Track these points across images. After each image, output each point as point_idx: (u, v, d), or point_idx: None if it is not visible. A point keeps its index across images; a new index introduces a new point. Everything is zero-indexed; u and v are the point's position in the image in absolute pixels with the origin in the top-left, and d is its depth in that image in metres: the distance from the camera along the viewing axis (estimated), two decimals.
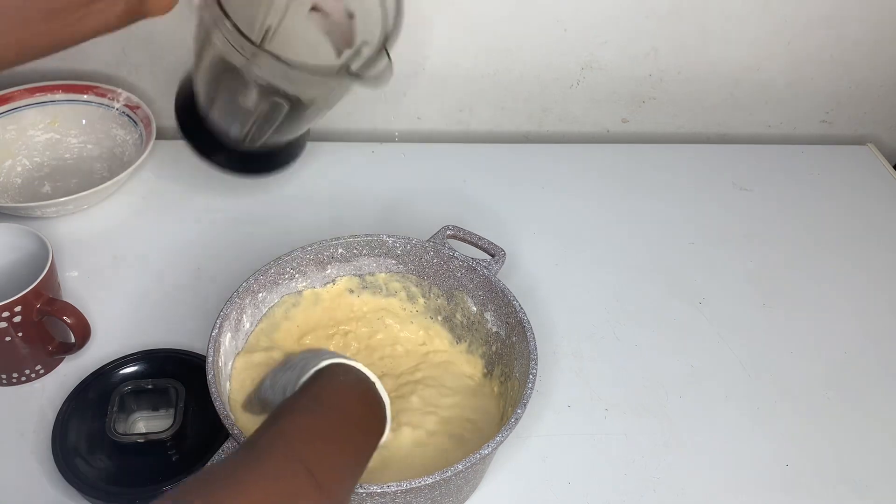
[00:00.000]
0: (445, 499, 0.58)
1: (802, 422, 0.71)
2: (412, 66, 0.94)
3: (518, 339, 0.63)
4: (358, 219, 0.86)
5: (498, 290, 0.65)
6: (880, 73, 1.01)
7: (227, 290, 0.64)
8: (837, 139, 1.08)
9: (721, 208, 0.92)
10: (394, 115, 0.99)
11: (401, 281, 0.71)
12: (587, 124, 1.03)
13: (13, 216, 0.80)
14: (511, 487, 0.64)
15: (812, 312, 0.81)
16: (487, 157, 0.96)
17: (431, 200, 0.89)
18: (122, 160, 0.87)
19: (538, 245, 0.85)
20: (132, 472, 0.61)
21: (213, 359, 0.58)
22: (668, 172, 0.96)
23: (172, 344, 0.70)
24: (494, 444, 0.54)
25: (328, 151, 0.95)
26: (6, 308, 0.61)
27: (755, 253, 0.87)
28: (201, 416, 0.64)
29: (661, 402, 0.71)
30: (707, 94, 1.01)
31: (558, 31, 0.92)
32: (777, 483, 0.66)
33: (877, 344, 0.79)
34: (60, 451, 0.61)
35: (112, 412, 0.61)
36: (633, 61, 0.96)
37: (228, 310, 0.62)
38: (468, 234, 0.71)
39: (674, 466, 0.67)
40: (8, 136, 0.87)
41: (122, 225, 0.83)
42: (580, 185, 0.93)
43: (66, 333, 0.68)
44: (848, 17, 0.94)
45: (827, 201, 0.95)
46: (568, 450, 0.67)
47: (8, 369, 0.67)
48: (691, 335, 0.78)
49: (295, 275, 0.68)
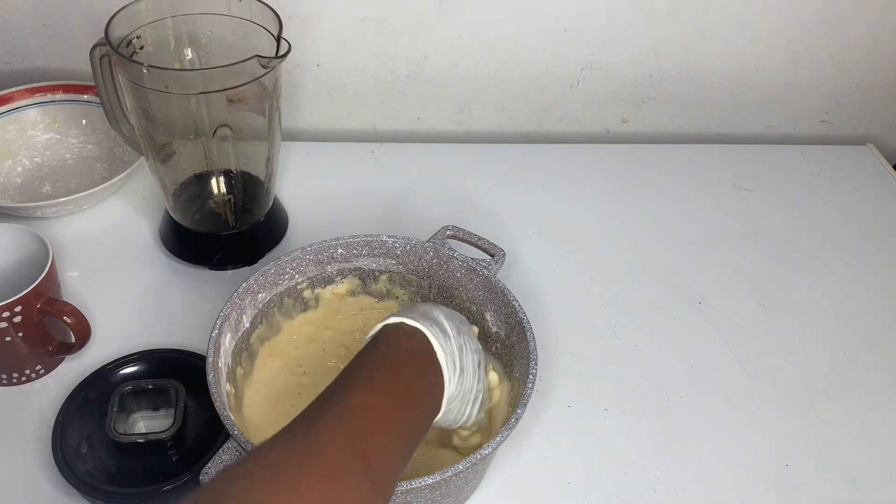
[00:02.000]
0: (445, 499, 0.58)
1: (802, 422, 0.71)
2: (412, 66, 0.94)
3: (518, 339, 0.63)
4: (358, 219, 0.86)
5: (498, 290, 0.65)
6: (880, 73, 1.01)
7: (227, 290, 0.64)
8: (837, 139, 1.08)
9: (721, 208, 0.92)
10: (394, 115, 0.99)
11: (400, 281, 0.71)
12: (587, 124, 1.03)
13: (13, 216, 0.80)
14: (511, 487, 0.64)
15: (812, 312, 0.81)
16: (487, 157, 0.96)
17: (431, 200, 0.89)
18: (122, 160, 0.87)
19: (538, 245, 0.85)
20: (132, 472, 0.61)
21: (213, 359, 0.58)
22: (668, 172, 0.96)
23: (172, 344, 0.70)
24: (494, 444, 0.54)
25: (328, 151, 0.95)
26: (6, 308, 0.61)
27: (755, 253, 0.87)
28: (201, 416, 0.64)
29: (661, 402, 0.71)
30: (707, 94, 1.01)
31: (558, 31, 0.92)
32: (777, 483, 0.66)
33: (877, 344, 0.79)
34: (60, 451, 0.61)
35: (112, 412, 0.61)
36: (633, 61, 0.96)
37: (228, 310, 0.62)
38: (468, 234, 0.71)
39: (674, 466, 0.67)
40: (8, 136, 0.87)
41: (122, 225, 0.83)
42: (580, 186, 0.93)
43: (66, 333, 0.68)
44: (848, 17, 0.94)
45: (827, 201, 0.95)
46: (568, 450, 0.67)
47: (8, 369, 0.67)
48: (691, 335, 0.78)
49: (295, 275, 0.68)
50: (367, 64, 0.93)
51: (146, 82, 0.65)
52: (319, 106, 0.97)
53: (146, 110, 0.69)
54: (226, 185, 0.78)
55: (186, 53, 0.74)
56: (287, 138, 0.98)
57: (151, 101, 0.68)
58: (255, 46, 0.70)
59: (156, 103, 0.68)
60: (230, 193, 0.79)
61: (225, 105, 0.69)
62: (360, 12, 0.89)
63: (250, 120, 0.73)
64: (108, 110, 0.73)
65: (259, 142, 0.75)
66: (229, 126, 0.71)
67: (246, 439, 0.53)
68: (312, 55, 0.92)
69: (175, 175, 0.77)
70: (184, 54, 0.74)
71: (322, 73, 0.94)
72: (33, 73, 0.92)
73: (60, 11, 0.87)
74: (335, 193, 0.89)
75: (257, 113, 0.72)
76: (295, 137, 0.99)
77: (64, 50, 0.90)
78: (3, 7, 0.86)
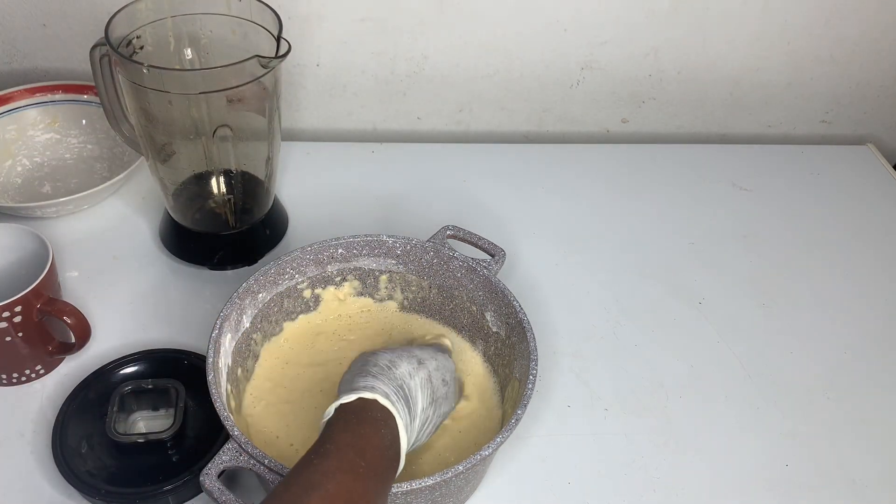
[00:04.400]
0: (445, 499, 0.58)
1: (802, 422, 0.71)
2: (412, 65, 0.94)
3: (518, 339, 0.63)
4: (358, 219, 0.86)
5: (498, 290, 0.65)
6: (880, 73, 1.01)
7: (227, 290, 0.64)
8: (837, 139, 1.08)
9: (721, 208, 0.92)
10: (394, 115, 0.99)
11: (400, 281, 0.71)
12: (587, 124, 1.03)
13: (13, 216, 0.80)
14: (511, 488, 0.64)
15: (812, 312, 0.81)
16: (487, 157, 0.96)
17: (431, 200, 0.89)
18: (122, 160, 0.87)
19: (538, 245, 0.85)
20: (132, 472, 0.61)
21: (213, 359, 0.58)
22: (668, 173, 0.96)
23: (172, 344, 0.70)
24: (494, 444, 0.54)
25: (328, 151, 0.95)
26: (6, 308, 0.61)
27: (755, 253, 0.87)
28: (201, 416, 0.64)
29: (661, 402, 0.71)
30: (707, 94, 1.01)
31: (558, 31, 0.92)
32: (777, 483, 0.66)
33: (877, 344, 0.79)
34: (60, 451, 0.61)
35: (112, 412, 0.61)
36: (633, 61, 0.96)
37: (228, 310, 0.62)
38: (468, 234, 0.71)
39: (674, 466, 0.67)
40: (8, 136, 0.87)
41: (122, 225, 0.83)
42: (580, 186, 0.93)
43: (66, 333, 0.68)
44: (848, 17, 0.95)
45: (827, 201, 0.95)
46: (568, 450, 0.67)
47: (8, 369, 0.67)
48: (691, 335, 0.78)
49: (295, 275, 0.68)
50: (367, 64, 0.93)
51: (146, 82, 0.65)
52: (319, 106, 0.97)
53: (146, 110, 0.69)
54: (226, 185, 0.78)
55: (186, 53, 0.74)
56: (287, 138, 0.98)
57: (151, 101, 0.68)
58: (255, 46, 0.70)
59: (156, 103, 0.68)
60: (230, 193, 0.79)
61: (225, 105, 0.69)
62: (360, 12, 0.89)
63: (250, 120, 0.73)
64: (108, 110, 0.73)
65: (259, 142, 0.75)
66: (229, 126, 0.71)
67: (246, 439, 0.53)
68: (312, 55, 0.92)
69: (175, 175, 0.77)
70: (184, 54, 0.74)
71: (322, 73, 0.94)
72: (33, 73, 0.92)
73: (60, 11, 0.87)
74: (335, 193, 0.89)
75: (257, 113, 0.72)
76: (295, 137, 0.99)
77: (64, 50, 0.90)
78: (3, 7, 0.86)
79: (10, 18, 0.87)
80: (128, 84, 0.67)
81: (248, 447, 0.53)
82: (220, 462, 0.53)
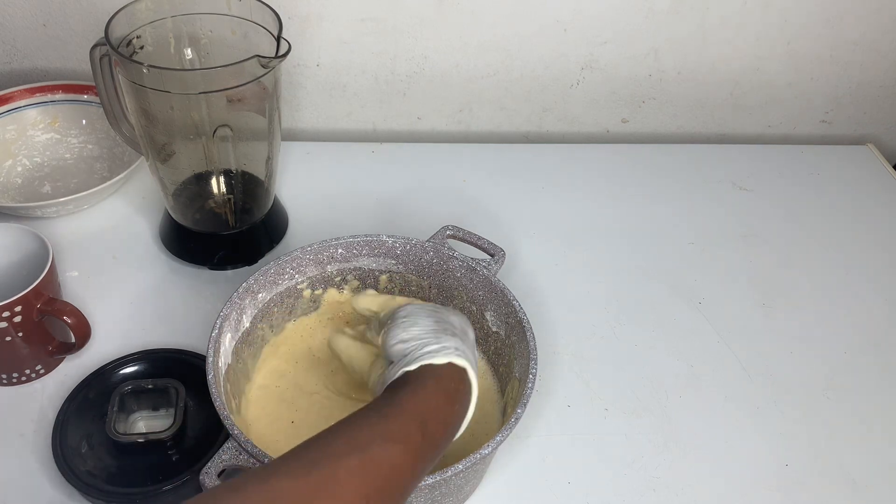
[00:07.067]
0: (446, 499, 0.58)
1: (802, 422, 0.71)
2: (412, 65, 0.94)
3: (518, 338, 0.63)
4: (358, 219, 0.86)
5: (498, 290, 0.65)
6: (880, 73, 1.01)
7: (227, 290, 0.64)
8: (837, 139, 1.08)
9: (721, 208, 0.92)
10: (394, 115, 0.99)
11: (400, 281, 0.71)
12: (587, 124, 1.03)
13: (13, 216, 0.80)
14: (511, 487, 0.64)
15: (812, 312, 0.81)
16: (487, 157, 0.96)
17: (431, 200, 0.89)
18: (122, 160, 0.87)
19: (538, 245, 0.85)
20: (132, 472, 0.60)
21: (213, 359, 0.58)
22: (668, 172, 0.96)
23: (172, 344, 0.70)
24: (494, 443, 0.54)
25: (328, 151, 0.95)
26: (6, 308, 0.61)
27: (755, 253, 0.87)
28: (201, 416, 0.64)
29: (660, 402, 0.71)
30: (707, 94, 1.01)
31: (558, 31, 0.92)
32: (776, 483, 0.66)
33: (876, 344, 0.79)
34: (60, 451, 0.61)
35: (112, 412, 0.61)
36: (633, 61, 0.96)
37: (228, 310, 0.62)
38: (468, 234, 0.71)
39: (674, 466, 0.67)
40: (8, 136, 0.87)
41: (121, 225, 0.83)
42: (580, 185, 0.93)
43: (66, 333, 0.68)
44: (848, 17, 0.95)
45: (827, 201, 0.95)
46: (568, 450, 0.67)
47: (8, 369, 0.67)
48: (691, 335, 0.78)
49: (295, 275, 0.68)
50: (367, 64, 0.93)
51: (146, 82, 0.65)
52: (319, 106, 0.97)
53: (146, 110, 0.69)
54: (226, 185, 0.78)
55: (186, 53, 0.75)
56: (287, 138, 0.98)
57: (151, 101, 0.68)
58: (255, 46, 0.70)
59: (156, 103, 0.68)
60: (230, 193, 0.79)
61: (225, 105, 0.69)
62: (360, 12, 0.89)
63: (250, 120, 0.73)
64: (108, 110, 0.73)
65: (259, 142, 0.75)
66: (229, 126, 0.71)
67: (246, 439, 0.53)
68: (312, 55, 0.92)
69: (175, 175, 0.77)
70: (184, 54, 0.74)
71: (322, 73, 0.94)
72: (33, 73, 0.92)
73: (60, 11, 0.87)
74: (335, 193, 0.89)
75: (257, 113, 0.72)
76: (295, 137, 0.99)
77: (64, 50, 0.90)
78: (3, 7, 0.86)
79: (10, 18, 0.87)
80: (128, 84, 0.67)
81: (248, 446, 0.53)
82: (220, 461, 0.53)
